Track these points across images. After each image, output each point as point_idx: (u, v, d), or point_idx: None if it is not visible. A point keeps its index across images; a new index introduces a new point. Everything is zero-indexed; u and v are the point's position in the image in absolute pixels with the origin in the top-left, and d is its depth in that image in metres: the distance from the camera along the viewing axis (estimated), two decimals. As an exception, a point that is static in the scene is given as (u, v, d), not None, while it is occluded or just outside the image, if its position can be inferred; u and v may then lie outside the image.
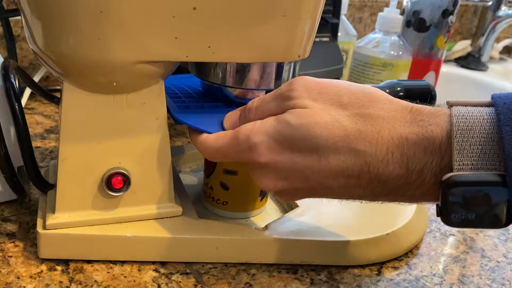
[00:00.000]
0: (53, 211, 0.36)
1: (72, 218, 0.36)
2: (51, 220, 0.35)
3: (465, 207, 0.26)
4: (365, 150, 0.28)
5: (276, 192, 0.33)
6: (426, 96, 0.41)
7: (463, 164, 0.26)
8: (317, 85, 0.31)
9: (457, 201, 0.26)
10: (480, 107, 0.27)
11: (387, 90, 0.40)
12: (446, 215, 0.26)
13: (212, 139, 0.34)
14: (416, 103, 0.30)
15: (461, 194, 0.26)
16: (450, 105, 0.28)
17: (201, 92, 0.43)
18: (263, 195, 0.42)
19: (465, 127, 0.26)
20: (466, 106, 0.28)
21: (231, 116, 0.35)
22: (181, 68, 0.39)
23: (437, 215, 0.27)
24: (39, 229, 0.35)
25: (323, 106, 0.30)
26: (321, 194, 0.32)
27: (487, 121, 0.26)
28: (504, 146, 0.25)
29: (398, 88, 0.41)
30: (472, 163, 0.26)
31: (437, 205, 0.27)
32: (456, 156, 0.26)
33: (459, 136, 0.26)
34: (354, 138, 0.29)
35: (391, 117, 0.29)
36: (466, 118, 0.27)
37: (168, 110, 0.38)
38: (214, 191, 0.41)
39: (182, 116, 0.36)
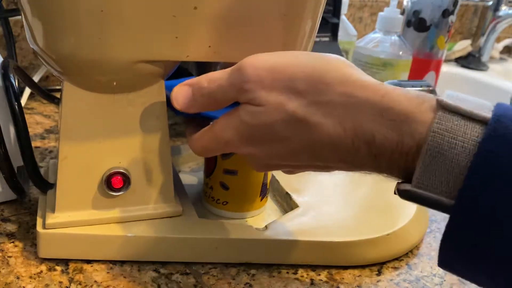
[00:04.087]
0: (53, 211, 0.36)
1: (72, 218, 0.36)
2: (51, 219, 0.35)
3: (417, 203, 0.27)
4: (328, 142, 0.28)
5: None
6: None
7: (423, 184, 0.25)
8: (269, 71, 0.29)
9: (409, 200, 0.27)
10: (472, 121, 0.25)
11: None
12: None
13: (196, 138, 0.34)
14: None
15: (413, 201, 0.26)
16: (439, 105, 0.25)
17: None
18: (263, 195, 0.42)
19: (438, 151, 0.25)
20: (455, 114, 0.25)
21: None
22: (181, 68, 0.39)
23: (394, 193, 0.28)
24: (39, 228, 0.35)
25: (278, 100, 0.29)
26: (311, 168, 0.32)
27: (466, 149, 0.24)
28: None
29: (399, 88, 0.41)
30: (432, 186, 0.25)
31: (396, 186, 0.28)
32: (418, 174, 0.25)
33: (428, 159, 0.25)
34: (315, 132, 0.28)
35: (354, 105, 0.27)
36: (443, 138, 0.25)
37: (168, 104, 0.37)
38: (214, 191, 0.41)
39: None
